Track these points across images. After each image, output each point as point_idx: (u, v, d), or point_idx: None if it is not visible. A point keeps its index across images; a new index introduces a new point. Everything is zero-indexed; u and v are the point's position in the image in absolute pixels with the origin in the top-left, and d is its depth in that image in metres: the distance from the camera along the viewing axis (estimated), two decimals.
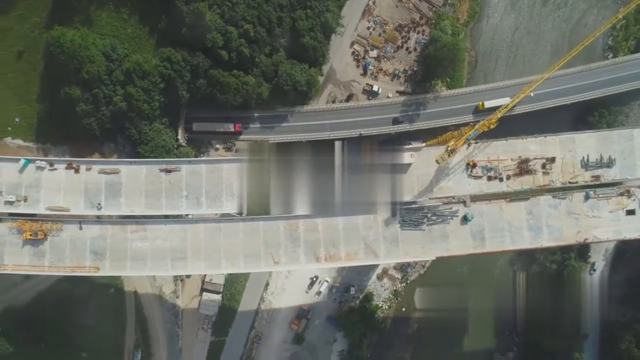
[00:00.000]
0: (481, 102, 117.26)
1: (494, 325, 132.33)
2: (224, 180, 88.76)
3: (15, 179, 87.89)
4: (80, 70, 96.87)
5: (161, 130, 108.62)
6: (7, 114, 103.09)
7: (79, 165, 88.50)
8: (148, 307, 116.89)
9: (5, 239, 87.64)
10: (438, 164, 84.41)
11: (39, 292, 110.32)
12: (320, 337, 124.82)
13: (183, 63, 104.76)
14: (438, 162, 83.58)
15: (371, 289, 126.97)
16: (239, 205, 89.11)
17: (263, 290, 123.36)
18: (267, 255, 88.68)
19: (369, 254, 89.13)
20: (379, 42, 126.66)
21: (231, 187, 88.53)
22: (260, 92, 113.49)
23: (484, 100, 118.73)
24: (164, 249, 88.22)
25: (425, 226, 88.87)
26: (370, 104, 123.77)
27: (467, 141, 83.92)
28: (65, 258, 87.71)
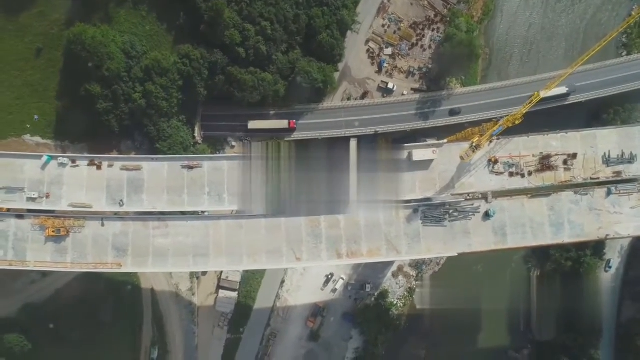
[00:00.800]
0: (536, 92, 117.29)
1: (509, 322, 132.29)
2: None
3: (38, 175, 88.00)
4: (100, 68, 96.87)
5: (179, 128, 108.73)
6: (26, 111, 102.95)
7: (101, 162, 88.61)
8: (164, 305, 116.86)
9: (27, 236, 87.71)
10: (463, 160, 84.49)
11: (57, 290, 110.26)
12: (335, 334, 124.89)
13: (201, 60, 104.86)
14: (463, 158, 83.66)
15: (386, 287, 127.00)
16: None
17: (279, 288, 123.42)
18: (289, 251, 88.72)
19: (391, 250, 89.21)
20: (394, 40, 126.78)
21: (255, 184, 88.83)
22: (277, 90, 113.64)
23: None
24: (186, 245, 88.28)
25: (447, 222, 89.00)
26: (386, 101, 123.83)
27: (492, 137, 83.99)
28: (87, 255, 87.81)
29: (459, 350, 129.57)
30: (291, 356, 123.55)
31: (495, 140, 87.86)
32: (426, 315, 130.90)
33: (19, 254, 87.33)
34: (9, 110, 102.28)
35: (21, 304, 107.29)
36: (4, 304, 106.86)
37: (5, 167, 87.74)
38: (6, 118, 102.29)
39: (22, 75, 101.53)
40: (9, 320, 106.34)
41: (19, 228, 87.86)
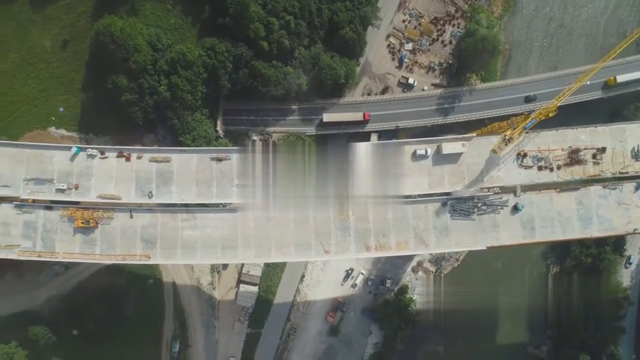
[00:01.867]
0: (612, 77, 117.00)
1: (527, 319, 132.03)
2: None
3: (67, 167, 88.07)
4: (127, 60, 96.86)
5: (202, 121, 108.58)
6: (51, 103, 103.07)
7: (130, 154, 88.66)
8: (186, 299, 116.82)
9: (56, 227, 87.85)
10: (495, 153, 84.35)
11: (79, 283, 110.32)
12: (355, 329, 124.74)
13: (226, 53, 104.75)
14: (495, 151, 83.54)
15: (406, 282, 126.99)
16: None
17: (299, 282, 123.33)
18: (318, 244, 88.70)
19: (419, 244, 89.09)
20: (414, 35, 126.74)
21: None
22: (299, 84, 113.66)
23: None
24: (214, 237, 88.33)
25: (476, 216, 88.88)
26: (406, 96, 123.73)
27: (524, 130, 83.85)
28: (116, 246, 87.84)
29: (477, 347, 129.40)
30: (311, 351, 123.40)
31: (524, 133, 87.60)
32: (444, 311, 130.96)
33: (48, 245, 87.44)
34: (35, 102, 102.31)
35: (45, 297, 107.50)
36: (28, 296, 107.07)
37: (35, 158, 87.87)
38: (31, 110, 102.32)
39: (48, 67, 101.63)
40: (33, 313, 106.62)
41: (48, 219, 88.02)
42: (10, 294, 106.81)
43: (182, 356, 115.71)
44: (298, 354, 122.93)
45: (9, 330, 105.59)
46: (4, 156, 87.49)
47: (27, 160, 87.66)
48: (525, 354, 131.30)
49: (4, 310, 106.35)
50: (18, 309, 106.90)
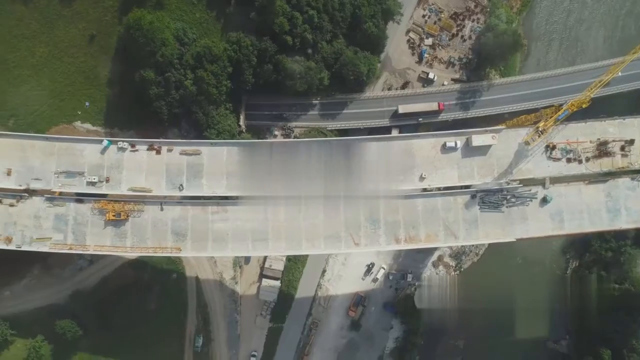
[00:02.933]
0: None
1: (547, 313, 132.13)
2: (305, 161, 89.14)
3: (98, 160, 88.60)
4: (154, 54, 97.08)
5: (226, 116, 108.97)
6: (77, 98, 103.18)
7: (160, 147, 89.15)
8: (209, 293, 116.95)
9: (87, 220, 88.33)
10: (528, 145, 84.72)
11: (103, 277, 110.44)
12: (376, 324, 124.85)
13: (251, 47, 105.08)
14: (528, 142, 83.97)
15: (426, 276, 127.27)
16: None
17: (320, 277, 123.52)
18: (348, 236, 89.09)
19: (449, 236, 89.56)
20: (434, 30, 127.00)
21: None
22: (321, 78, 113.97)
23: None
24: (245, 230, 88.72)
25: (505, 208, 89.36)
26: (427, 91, 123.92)
27: (557, 121, 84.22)
28: (147, 239, 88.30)
29: (497, 341, 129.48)
30: (332, 345, 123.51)
31: (556, 125, 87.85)
32: (465, 306, 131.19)
33: (79, 238, 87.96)
34: (61, 96, 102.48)
35: (71, 291, 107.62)
36: (54, 290, 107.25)
37: (65, 151, 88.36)
38: (58, 104, 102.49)
39: (75, 61, 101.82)
40: (59, 307, 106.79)
41: (79, 212, 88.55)
42: (36, 288, 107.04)
43: (205, 351, 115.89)
44: (319, 349, 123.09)
45: (35, 324, 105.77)
46: (35, 149, 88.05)
47: (57, 153, 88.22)
48: (545, 349, 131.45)
49: (30, 305, 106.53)
50: (44, 303, 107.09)
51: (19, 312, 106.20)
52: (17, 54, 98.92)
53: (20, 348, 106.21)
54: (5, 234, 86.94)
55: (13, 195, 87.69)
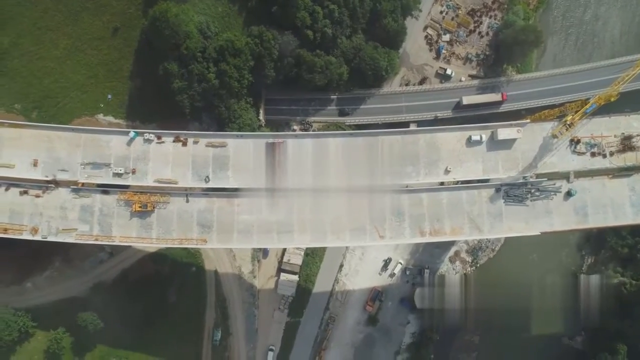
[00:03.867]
0: None
1: (562, 310, 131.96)
2: (330, 154, 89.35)
3: (124, 151, 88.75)
4: (178, 47, 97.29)
5: (247, 110, 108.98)
6: (100, 90, 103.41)
7: (186, 138, 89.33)
8: (227, 287, 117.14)
9: (113, 211, 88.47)
10: (556, 138, 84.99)
11: (124, 270, 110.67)
12: (393, 319, 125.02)
13: (273, 41, 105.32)
14: (556, 136, 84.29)
15: (443, 272, 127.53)
16: None
17: (337, 272, 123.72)
18: (373, 229, 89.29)
19: (473, 229, 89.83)
20: (451, 26, 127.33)
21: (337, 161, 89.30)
22: (341, 73, 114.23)
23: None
24: (270, 222, 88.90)
25: (529, 201, 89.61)
26: (445, 87, 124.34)
27: (585, 115, 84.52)
28: (172, 230, 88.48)
29: (512, 337, 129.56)
30: (349, 340, 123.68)
31: (585, 118, 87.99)
32: (480, 302, 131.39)
33: (105, 229, 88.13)
34: (84, 89, 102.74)
35: (92, 283, 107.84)
36: (74, 282, 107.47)
37: (92, 143, 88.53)
38: (80, 97, 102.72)
39: (98, 54, 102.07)
40: (79, 299, 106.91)
41: (104, 203, 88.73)
42: (57, 281, 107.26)
43: (224, 344, 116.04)
44: (337, 343, 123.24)
45: (55, 316, 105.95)
46: (62, 140, 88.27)
47: (84, 144, 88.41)
48: (560, 345, 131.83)
49: (51, 297, 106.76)
50: (64, 295, 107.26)
51: (40, 304, 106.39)
52: (41, 46, 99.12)
53: (40, 340, 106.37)
54: (31, 224, 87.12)
55: (39, 186, 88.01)
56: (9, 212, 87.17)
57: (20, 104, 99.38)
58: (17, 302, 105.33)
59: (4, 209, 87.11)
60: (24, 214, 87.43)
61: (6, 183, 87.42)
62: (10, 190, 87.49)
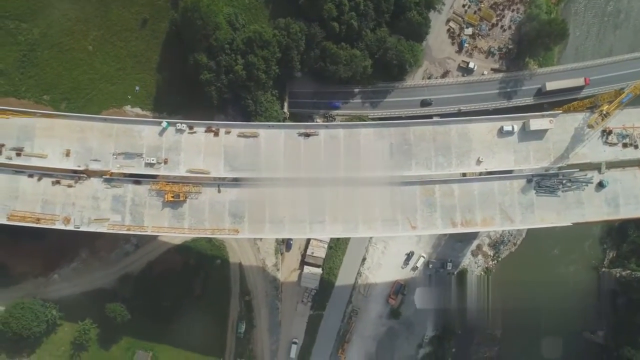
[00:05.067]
0: None
1: (583, 304, 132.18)
2: (362, 145, 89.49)
3: (156, 141, 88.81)
4: (207, 37, 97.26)
5: (273, 102, 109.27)
6: (128, 82, 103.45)
7: (218, 129, 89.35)
8: (251, 280, 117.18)
9: (144, 201, 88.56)
10: (591, 128, 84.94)
11: (149, 262, 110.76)
12: (416, 312, 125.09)
13: (300, 33, 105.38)
14: (592, 126, 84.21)
15: (465, 265, 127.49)
16: None
17: (360, 265, 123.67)
18: (405, 220, 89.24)
19: (505, 220, 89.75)
20: (474, 20, 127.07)
21: (368, 152, 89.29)
22: (366, 66, 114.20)
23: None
24: (302, 212, 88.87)
25: (561, 192, 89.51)
26: (468, 80, 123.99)
27: (621, 105, 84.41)
28: (204, 221, 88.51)
29: (533, 331, 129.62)
30: (372, 333, 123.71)
31: (620, 108, 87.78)
32: (500, 295, 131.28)
33: (137, 219, 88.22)
34: (112, 80, 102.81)
35: (118, 275, 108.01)
36: (100, 274, 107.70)
37: (124, 133, 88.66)
38: (109, 88, 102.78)
39: (127, 45, 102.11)
40: (106, 291, 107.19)
41: (136, 194, 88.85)
42: (84, 272, 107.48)
43: (247, 337, 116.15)
44: (359, 336, 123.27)
45: (82, 307, 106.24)
46: (94, 131, 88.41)
47: (116, 134, 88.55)
48: (581, 339, 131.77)
49: (78, 289, 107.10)
50: (90, 287, 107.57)
51: (67, 296, 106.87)
52: (71, 37, 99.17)
53: (67, 332, 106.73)
54: (63, 214, 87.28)
55: (71, 176, 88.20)
56: (42, 202, 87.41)
57: (49, 95, 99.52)
58: (44, 293, 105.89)
59: (37, 199, 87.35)
60: (56, 204, 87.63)
61: (39, 173, 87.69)
62: (43, 180, 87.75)
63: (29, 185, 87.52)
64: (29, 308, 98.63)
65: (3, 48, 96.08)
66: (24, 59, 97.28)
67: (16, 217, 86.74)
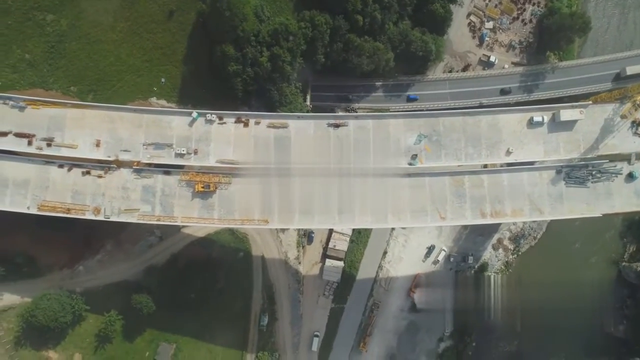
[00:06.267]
0: None
1: (604, 298, 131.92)
2: (391, 135, 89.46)
3: (186, 132, 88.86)
4: (235, 29, 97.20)
5: (297, 94, 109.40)
6: (154, 74, 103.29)
7: (247, 119, 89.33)
8: (274, 273, 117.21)
9: (174, 192, 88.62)
10: (625, 119, 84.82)
11: (172, 254, 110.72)
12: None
13: (325, 26, 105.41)
14: (625, 116, 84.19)
15: (486, 259, 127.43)
16: None
17: (381, 259, 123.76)
18: (434, 210, 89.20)
19: (534, 211, 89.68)
20: (495, 14, 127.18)
21: (398, 143, 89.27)
22: (388, 59, 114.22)
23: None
24: (331, 202, 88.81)
25: (590, 183, 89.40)
26: (489, 73, 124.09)
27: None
28: (234, 211, 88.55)
29: (553, 324, 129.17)
30: (392, 327, 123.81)
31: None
32: (521, 289, 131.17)
33: (167, 209, 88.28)
34: (139, 72, 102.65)
35: (142, 267, 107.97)
36: (125, 266, 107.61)
37: (154, 123, 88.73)
38: (135, 80, 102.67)
39: (153, 37, 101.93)
40: (129, 283, 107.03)
41: (166, 184, 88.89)
42: (108, 264, 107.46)
43: (270, 329, 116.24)
44: (380, 330, 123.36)
45: (106, 299, 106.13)
46: (124, 121, 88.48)
47: (146, 125, 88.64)
48: (602, 333, 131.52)
49: (102, 281, 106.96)
50: (115, 279, 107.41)
51: (91, 288, 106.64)
52: (99, 28, 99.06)
53: (91, 323, 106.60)
54: (93, 204, 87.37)
55: (101, 167, 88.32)
56: (72, 192, 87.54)
57: (76, 86, 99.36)
58: (69, 285, 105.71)
59: (67, 190, 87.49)
60: (86, 195, 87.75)
61: (69, 163, 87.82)
62: (73, 171, 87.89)
63: (59, 176, 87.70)
64: (55, 299, 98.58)
65: (31, 39, 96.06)
66: (52, 50, 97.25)
67: (47, 207, 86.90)
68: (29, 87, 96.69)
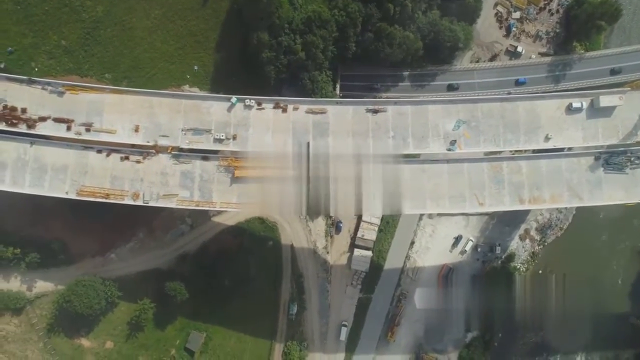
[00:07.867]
0: None
1: (630, 290, 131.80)
2: (430, 121, 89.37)
3: (224, 117, 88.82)
4: (271, 15, 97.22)
5: (328, 82, 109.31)
6: (187, 61, 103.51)
7: (286, 105, 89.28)
8: (303, 262, 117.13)
9: (213, 177, 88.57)
10: None
11: (204, 243, 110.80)
12: (464, 297, 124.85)
13: (357, 13, 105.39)
14: None
15: (513, 249, 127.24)
16: None
17: (408, 249, 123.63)
18: (472, 196, 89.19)
19: (573, 197, 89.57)
20: (522, 4, 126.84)
21: (437, 128, 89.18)
22: (417, 48, 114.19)
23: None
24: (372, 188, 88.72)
25: (629, 170, 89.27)
26: (517, 63, 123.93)
27: None
28: None
29: (579, 314, 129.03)
30: (420, 316, 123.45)
31: None
32: (547, 280, 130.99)
33: (205, 195, 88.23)
34: (172, 60, 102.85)
35: (174, 255, 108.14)
36: (157, 254, 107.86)
37: (192, 109, 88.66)
38: (168, 67, 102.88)
39: (187, 25, 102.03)
40: (161, 271, 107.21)
41: (205, 170, 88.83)
42: (140, 252, 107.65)
43: (299, 319, 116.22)
44: (407, 320, 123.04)
45: (139, 287, 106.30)
46: (162, 106, 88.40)
47: (184, 110, 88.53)
48: (628, 325, 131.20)
49: (134, 268, 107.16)
50: (147, 267, 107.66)
51: (123, 275, 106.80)
52: (133, 15, 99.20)
53: (123, 311, 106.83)
54: (132, 190, 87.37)
55: (140, 152, 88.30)
56: (111, 177, 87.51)
57: (110, 73, 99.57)
58: (101, 272, 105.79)
59: (106, 175, 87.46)
60: (125, 180, 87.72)
61: (107, 149, 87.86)
62: (112, 156, 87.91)
63: (97, 161, 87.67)
64: (90, 285, 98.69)
65: (67, 25, 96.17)
66: (88, 36, 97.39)
67: (86, 192, 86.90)
68: (64, 73, 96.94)
